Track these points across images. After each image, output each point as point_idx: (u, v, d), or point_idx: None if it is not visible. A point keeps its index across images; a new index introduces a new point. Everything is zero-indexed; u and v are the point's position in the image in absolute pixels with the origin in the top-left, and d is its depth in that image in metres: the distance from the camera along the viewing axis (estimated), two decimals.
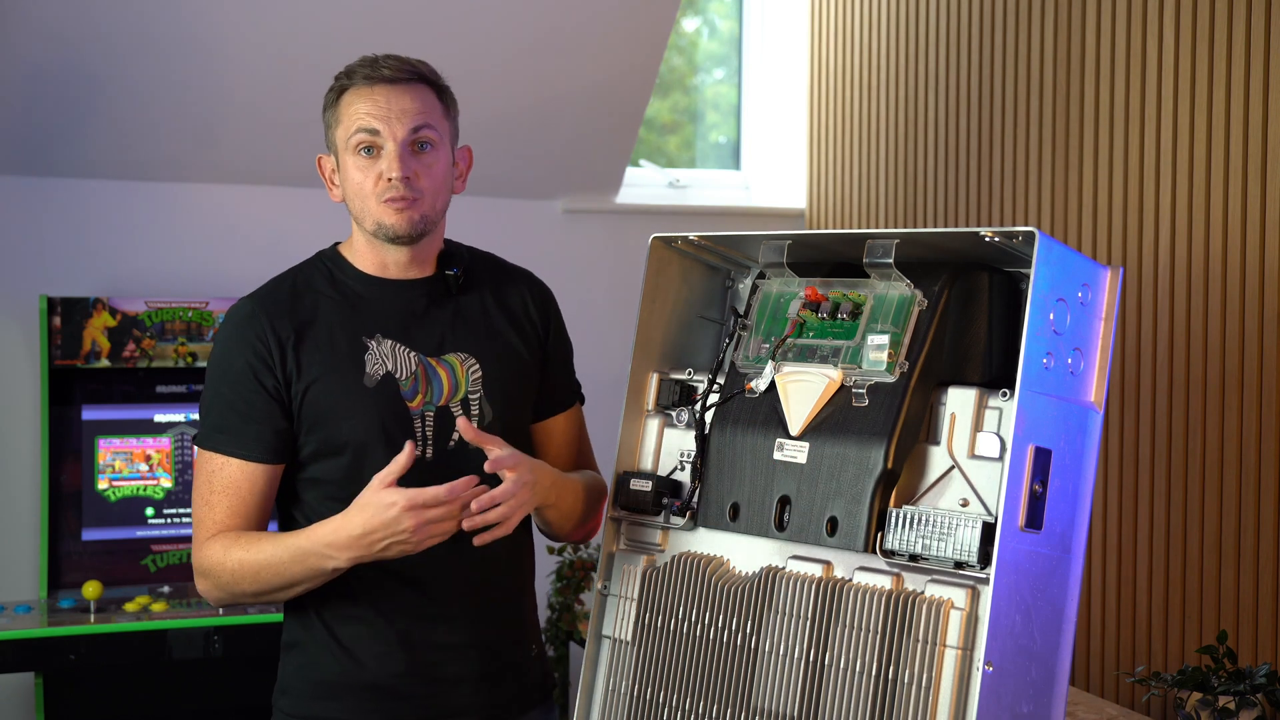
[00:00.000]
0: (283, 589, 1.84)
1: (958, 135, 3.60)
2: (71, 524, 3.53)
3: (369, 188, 1.87)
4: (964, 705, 1.50)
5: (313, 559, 1.79)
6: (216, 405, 1.89)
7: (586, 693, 1.82)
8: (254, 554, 1.83)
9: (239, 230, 3.91)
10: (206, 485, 1.88)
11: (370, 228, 1.89)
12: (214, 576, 1.86)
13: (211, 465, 1.88)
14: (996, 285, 1.64)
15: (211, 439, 1.88)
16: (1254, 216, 2.69)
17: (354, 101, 1.87)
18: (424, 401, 1.90)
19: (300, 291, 1.93)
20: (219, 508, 1.87)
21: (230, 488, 1.87)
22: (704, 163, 4.67)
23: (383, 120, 1.85)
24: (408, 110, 1.86)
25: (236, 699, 3.54)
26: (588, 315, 2.19)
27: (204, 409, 1.91)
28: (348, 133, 1.87)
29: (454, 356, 1.93)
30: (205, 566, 1.86)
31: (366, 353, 1.89)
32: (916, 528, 1.56)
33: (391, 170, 1.85)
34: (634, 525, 1.82)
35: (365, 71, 1.88)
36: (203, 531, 1.88)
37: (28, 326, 3.70)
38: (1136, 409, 2.96)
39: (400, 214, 1.87)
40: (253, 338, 1.88)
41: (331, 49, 3.68)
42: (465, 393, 1.92)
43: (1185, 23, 2.84)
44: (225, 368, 1.89)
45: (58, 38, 3.40)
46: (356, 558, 1.76)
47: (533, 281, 2.06)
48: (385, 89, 1.87)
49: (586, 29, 3.73)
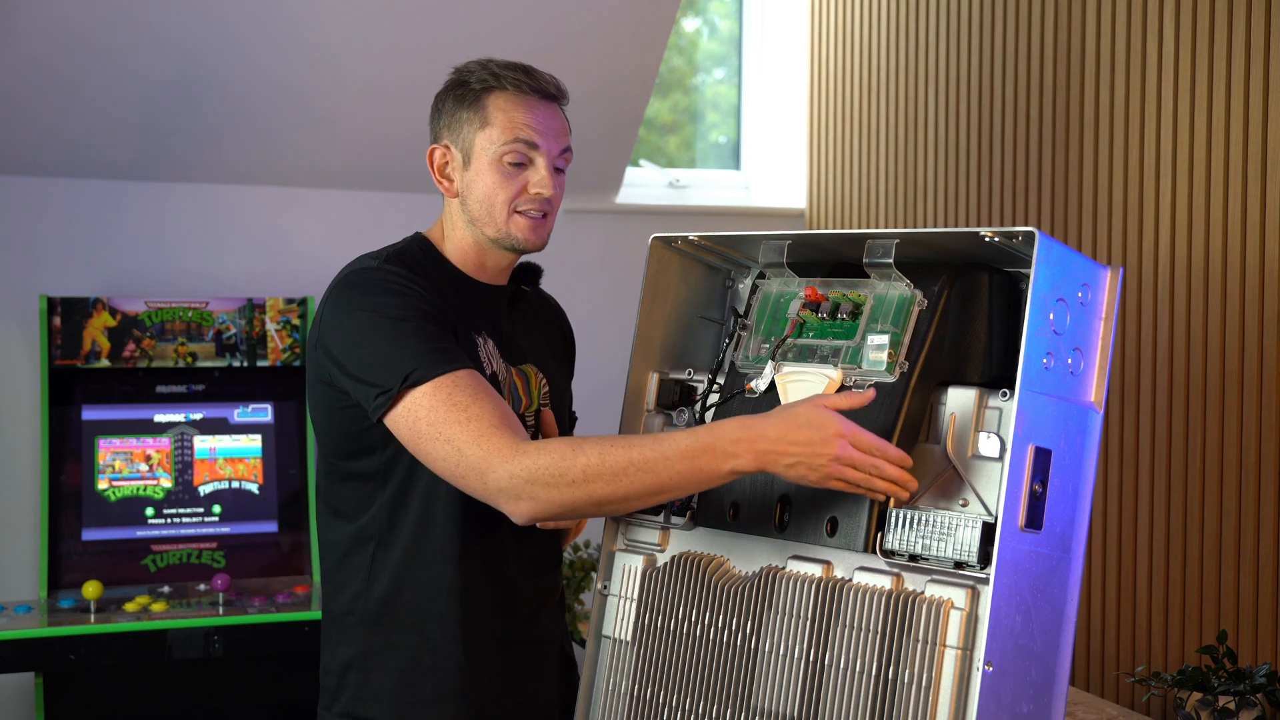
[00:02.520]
0: (644, 494, 1.65)
1: (958, 135, 3.60)
2: (71, 524, 3.52)
3: (506, 195, 1.85)
4: (964, 705, 1.50)
5: (707, 457, 1.61)
6: (413, 340, 1.72)
7: (586, 693, 1.82)
8: (620, 448, 1.64)
9: (239, 230, 3.91)
10: (454, 408, 1.67)
11: (494, 234, 1.87)
12: (553, 473, 1.64)
13: (444, 389, 1.69)
14: (996, 285, 1.64)
15: (441, 362, 1.70)
16: (1254, 216, 2.69)
17: (510, 109, 1.85)
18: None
19: (411, 267, 1.85)
20: (489, 408, 1.68)
21: (481, 390, 1.69)
22: (704, 163, 4.67)
23: (542, 136, 1.86)
24: (561, 131, 1.89)
25: (236, 699, 3.55)
26: (588, 315, 2.19)
27: (395, 356, 1.72)
28: (502, 138, 1.84)
29: (530, 368, 1.93)
30: (538, 467, 1.64)
31: (478, 349, 1.86)
32: (916, 528, 1.56)
33: (544, 188, 1.85)
34: (634, 525, 1.82)
35: (520, 79, 1.86)
36: (495, 440, 1.66)
37: (28, 326, 3.70)
38: (1136, 409, 2.96)
39: (536, 230, 1.87)
40: (407, 280, 1.79)
41: (332, 50, 3.70)
42: (538, 405, 1.92)
43: (1185, 23, 2.84)
44: (398, 307, 1.75)
45: (58, 38, 3.40)
46: (761, 463, 1.60)
47: (559, 309, 2.11)
48: (543, 104, 1.88)
49: (586, 29, 3.73)
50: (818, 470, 1.58)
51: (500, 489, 1.66)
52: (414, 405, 1.70)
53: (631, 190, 4.39)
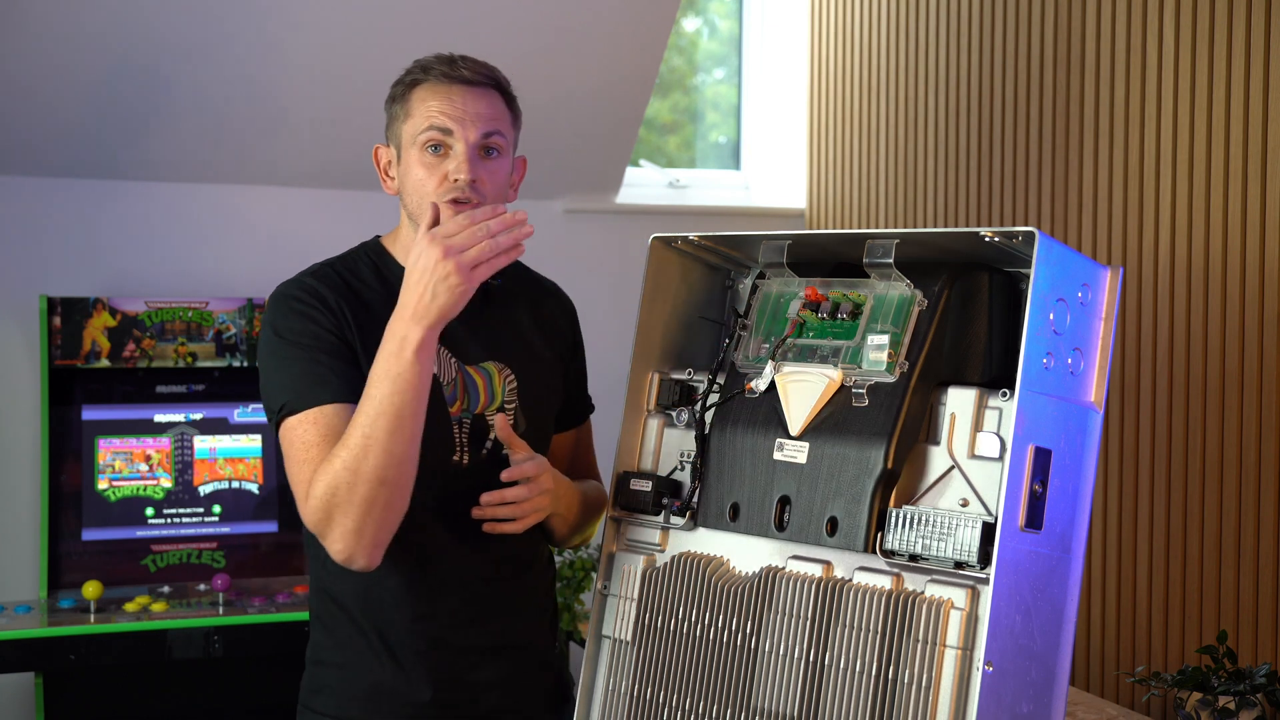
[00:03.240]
0: (394, 439, 1.70)
1: (958, 135, 3.60)
2: (71, 524, 3.52)
3: (431, 186, 1.84)
4: (964, 705, 1.50)
5: (392, 362, 1.69)
6: (298, 368, 1.79)
7: (586, 693, 1.82)
8: (352, 429, 1.71)
9: (239, 230, 3.91)
10: (303, 448, 1.76)
11: (427, 226, 1.87)
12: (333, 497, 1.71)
13: (305, 423, 1.77)
14: (996, 285, 1.64)
15: (309, 396, 1.77)
16: (1254, 216, 2.69)
17: (428, 98, 1.85)
18: (462, 409, 1.88)
19: (347, 280, 1.89)
20: (321, 458, 1.75)
21: (330, 434, 1.76)
22: (704, 163, 4.67)
23: (456, 121, 1.83)
24: (482, 114, 1.85)
25: (236, 699, 3.55)
26: (588, 315, 2.18)
27: (282, 380, 1.80)
28: (417, 128, 1.85)
29: (491, 365, 1.92)
30: (323, 501, 1.72)
31: None
32: (916, 528, 1.56)
33: (460, 171, 1.83)
34: (634, 525, 1.82)
35: (443, 69, 1.86)
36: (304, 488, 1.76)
37: (28, 326, 3.70)
38: (1136, 409, 2.96)
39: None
40: (317, 303, 1.82)
41: (331, 50, 3.70)
42: (502, 402, 1.91)
43: (1185, 23, 2.84)
44: (297, 332, 1.81)
45: (57, 38, 3.40)
46: (421, 322, 1.69)
47: (561, 296, 2.08)
48: (462, 90, 1.85)
49: (586, 29, 3.73)
50: (448, 279, 1.68)
51: (321, 535, 1.75)
52: (285, 433, 1.79)
53: (631, 190, 4.39)
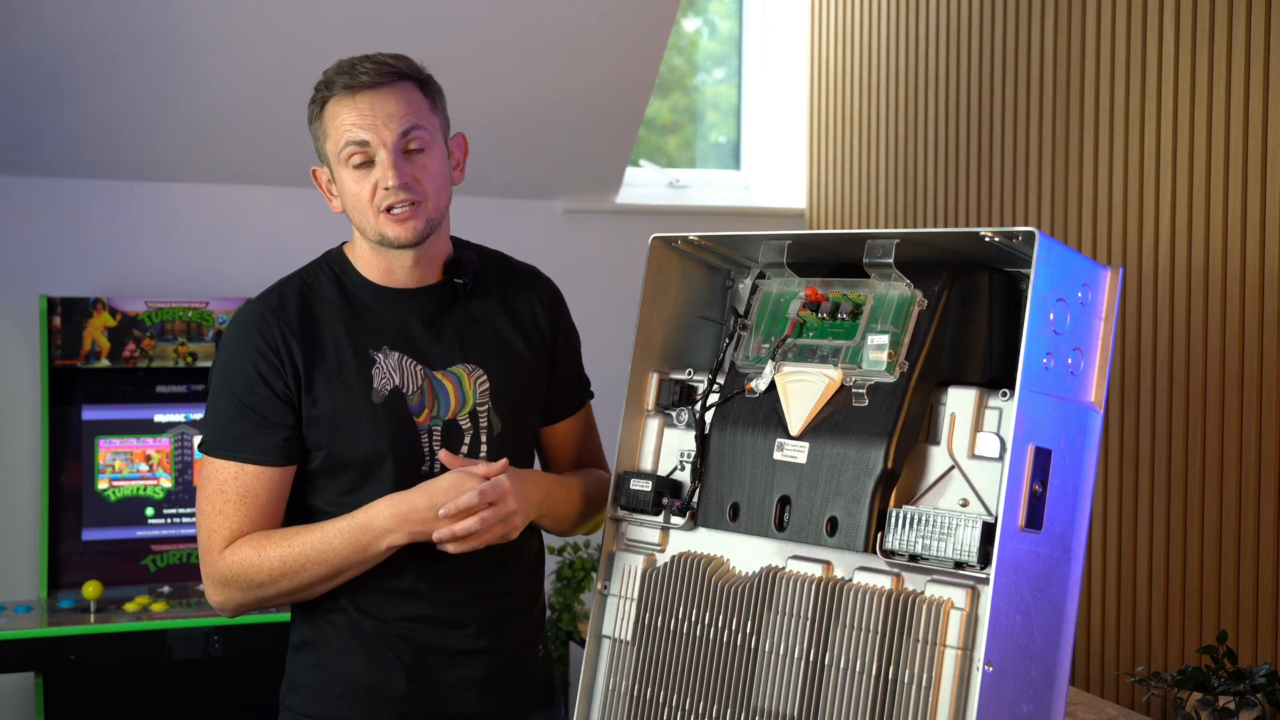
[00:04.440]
0: (324, 580, 1.81)
1: (958, 135, 3.60)
2: (71, 524, 3.53)
3: (366, 199, 1.82)
4: (964, 705, 1.50)
5: (366, 536, 1.78)
6: (226, 411, 1.84)
7: (586, 693, 1.82)
8: (295, 546, 1.79)
9: (239, 230, 3.91)
10: (219, 494, 1.82)
11: (374, 238, 1.86)
12: (244, 579, 1.81)
13: (224, 474, 1.83)
14: (996, 285, 1.64)
15: (224, 446, 1.83)
16: (1254, 216, 2.69)
17: (338, 113, 1.82)
18: (431, 416, 1.87)
19: (307, 298, 1.89)
20: (235, 516, 1.82)
21: (246, 495, 1.82)
22: (704, 163, 4.67)
23: (370, 129, 1.80)
24: (394, 114, 1.81)
25: (236, 699, 3.55)
26: (588, 315, 2.19)
27: (211, 415, 1.85)
28: (337, 146, 1.82)
29: (460, 369, 1.90)
30: (232, 573, 1.81)
31: (374, 366, 1.86)
32: (916, 528, 1.56)
33: (387, 179, 1.80)
34: (634, 525, 1.82)
35: (344, 80, 1.82)
36: (217, 540, 1.83)
37: (28, 326, 3.70)
38: (1136, 409, 2.96)
39: (404, 224, 1.83)
40: (261, 343, 1.84)
41: (331, 49, 3.67)
42: (474, 405, 1.90)
43: (1185, 23, 2.84)
44: (233, 372, 1.84)
45: (57, 37, 3.40)
46: (412, 536, 1.79)
47: (540, 281, 2.02)
48: (367, 95, 1.81)
49: (586, 30, 3.73)
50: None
51: (207, 581, 1.86)
52: (205, 466, 1.86)
53: (631, 190, 4.39)
